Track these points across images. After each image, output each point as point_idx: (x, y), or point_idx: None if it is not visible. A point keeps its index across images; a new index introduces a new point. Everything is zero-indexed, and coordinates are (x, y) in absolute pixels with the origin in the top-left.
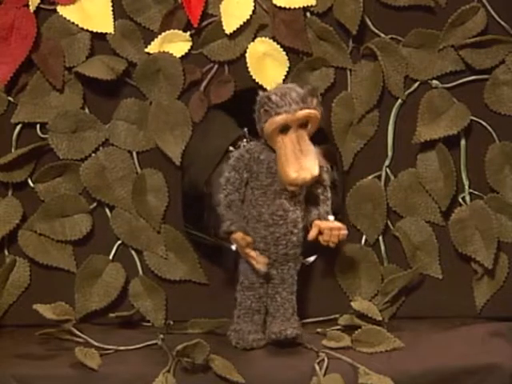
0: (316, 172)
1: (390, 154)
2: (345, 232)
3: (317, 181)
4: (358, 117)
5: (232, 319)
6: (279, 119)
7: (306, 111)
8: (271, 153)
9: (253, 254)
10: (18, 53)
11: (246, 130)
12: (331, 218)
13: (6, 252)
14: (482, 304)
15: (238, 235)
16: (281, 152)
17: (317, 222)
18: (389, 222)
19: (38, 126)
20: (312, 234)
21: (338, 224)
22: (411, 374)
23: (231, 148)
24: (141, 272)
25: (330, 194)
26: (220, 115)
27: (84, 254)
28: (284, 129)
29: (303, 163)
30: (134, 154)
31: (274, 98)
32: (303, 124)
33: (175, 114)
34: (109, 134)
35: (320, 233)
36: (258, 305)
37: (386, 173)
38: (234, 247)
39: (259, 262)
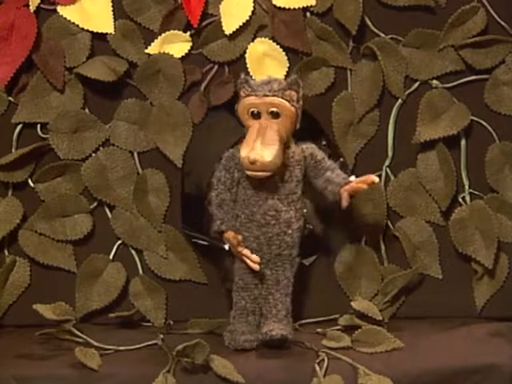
0: (267, 159)
1: (390, 153)
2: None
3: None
4: (359, 117)
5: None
6: (246, 100)
7: (272, 98)
8: None
9: (245, 252)
10: (18, 53)
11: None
12: (353, 177)
13: (6, 252)
14: (482, 304)
15: (230, 234)
16: (246, 135)
17: (348, 189)
18: (389, 222)
19: (38, 126)
20: (344, 203)
21: (363, 177)
22: (411, 374)
23: None
24: (141, 271)
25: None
26: (221, 118)
27: (84, 254)
28: (255, 114)
29: (257, 147)
30: (135, 154)
31: (251, 81)
32: (274, 114)
33: (176, 115)
34: (109, 134)
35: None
36: (253, 306)
37: (386, 173)
38: (226, 247)
39: (252, 260)
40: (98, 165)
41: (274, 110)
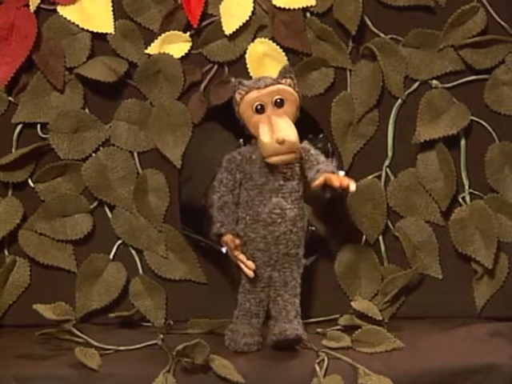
0: (292, 138)
1: (390, 153)
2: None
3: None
4: (358, 117)
5: (232, 319)
6: (248, 97)
7: (277, 86)
8: None
9: (241, 257)
10: (18, 53)
11: (241, 140)
12: (342, 172)
13: (6, 252)
14: (482, 304)
15: (228, 237)
16: (258, 130)
17: (326, 174)
18: (389, 222)
19: (38, 126)
20: (315, 184)
21: (346, 178)
22: (411, 374)
23: None
24: (141, 271)
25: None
26: (217, 128)
27: (84, 254)
28: (259, 109)
29: (276, 128)
30: (135, 154)
31: (245, 81)
32: (278, 103)
33: (176, 115)
34: (110, 134)
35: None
36: (258, 308)
37: (386, 173)
38: (224, 250)
39: (247, 266)
40: (98, 165)
41: (279, 97)
